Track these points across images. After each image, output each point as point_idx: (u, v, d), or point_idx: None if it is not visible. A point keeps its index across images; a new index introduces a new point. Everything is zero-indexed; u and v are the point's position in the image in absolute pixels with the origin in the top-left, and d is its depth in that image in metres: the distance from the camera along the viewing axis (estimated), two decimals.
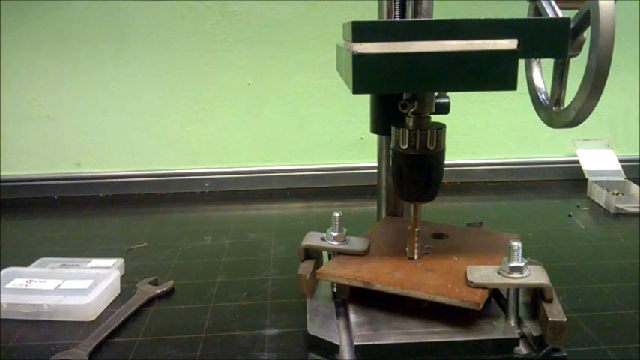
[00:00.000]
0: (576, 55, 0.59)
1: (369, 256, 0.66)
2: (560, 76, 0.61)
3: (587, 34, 0.55)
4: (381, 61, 0.50)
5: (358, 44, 0.50)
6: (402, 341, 0.56)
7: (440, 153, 0.62)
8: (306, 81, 1.25)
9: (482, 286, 0.57)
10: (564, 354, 0.58)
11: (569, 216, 1.07)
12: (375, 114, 0.75)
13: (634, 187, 1.13)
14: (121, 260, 0.85)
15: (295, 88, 1.25)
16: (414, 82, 0.51)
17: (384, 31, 0.50)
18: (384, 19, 0.72)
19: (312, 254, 0.68)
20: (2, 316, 0.71)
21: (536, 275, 0.57)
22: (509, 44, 0.51)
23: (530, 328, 0.58)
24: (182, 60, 1.22)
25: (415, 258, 0.65)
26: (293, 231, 1.02)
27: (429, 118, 0.62)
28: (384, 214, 0.82)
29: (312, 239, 0.68)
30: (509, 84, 0.51)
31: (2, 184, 1.25)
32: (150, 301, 0.76)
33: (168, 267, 0.87)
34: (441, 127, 0.61)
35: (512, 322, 0.60)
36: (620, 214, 1.06)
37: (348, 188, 1.28)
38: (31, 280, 0.77)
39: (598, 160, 1.24)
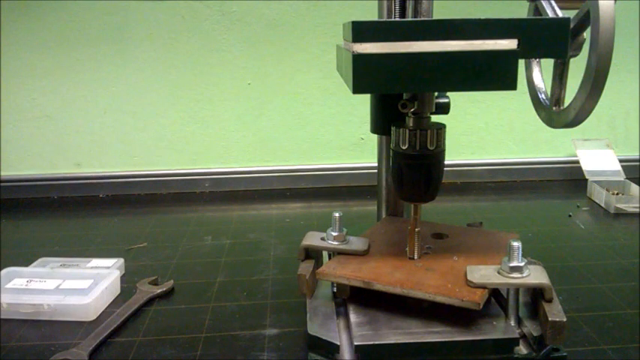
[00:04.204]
0: (576, 55, 0.59)
1: (369, 256, 0.66)
2: (560, 76, 0.61)
3: (587, 34, 0.55)
4: (381, 61, 0.50)
5: (358, 44, 0.50)
6: (402, 341, 0.56)
7: (440, 153, 0.62)
8: (306, 81, 1.25)
9: (482, 286, 0.57)
10: (564, 354, 0.58)
11: (569, 216, 1.07)
12: (375, 114, 0.75)
13: (634, 187, 1.13)
14: (121, 260, 0.85)
15: (295, 88, 1.25)
16: (414, 82, 0.51)
17: (384, 31, 0.50)
18: (384, 19, 0.72)
19: (312, 254, 0.68)
20: (2, 316, 0.71)
21: (536, 275, 0.57)
22: (509, 44, 0.51)
23: (530, 328, 0.58)
24: (182, 60, 1.22)
25: (415, 258, 0.65)
26: (293, 231, 1.02)
27: (429, 118, 0.62)
28: (384, 214, 0.82)
29: (312, 239, 0.68)
30: (509, 84, 0.51)
31: (2, 184, 1.25)
32: (150, 301, 0.76)
33: (168, 267, 0.87)
34: (440, 127, 0.61)
35: (512, 322, 0.60)
36: (620, 214, 1.06)
37: (348, 188, 1.28)
38: (31, 280, 0.77)
39: (598, 160, 1.24)
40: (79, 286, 0.75)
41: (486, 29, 0.50)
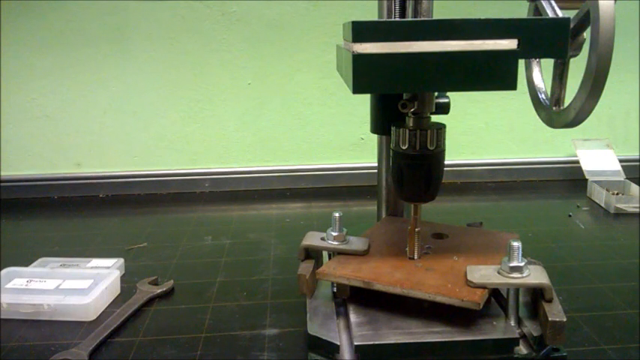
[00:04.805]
0: (576, 55, 0.59)
1: (369, 256, 0.66)
2: (560, 76, 0.61)
3: (587, 34, 0.55)
4: (381, 61, 0.50)
5: (358, 44, 0.50)
6: (402, 341, 0.56)
7: (440, 153, 0.62)
8: (306, 81, 1.25)
9: (482, 286, 0.57)
10: (564, 354, 0.58)
11: (569, 216, 1.07)
12: (375, 114, 0.75)
13: (634, 187, 1.13)
14: (121, 260, 0.85)
15: (295, 88, 1.25)
16: (414, 82, 0.51)
17: (384, 31, 0.50)
18: (384, 19, 0.72)
19: (312, 254, 0.68)
20: (2, 316, 0.71)
21: (536, 275, 0.57)
22: (509, 44, 0.51)
23: (530, 328, 0.58)
24: (182, 60, 1.22)
25: (415, 258, 0.65)
26: (293, 231, 1.02)
27: (429, 118, 0.62)
28: (384, 214, 0.82)
29: (312, 239, 0.68)
30: (509, 84, 0.51)
31: (2, 184, 1.25)
32: (150, 301, 0.76)
33: (168, 267, 0.87)
34: (440, 127, 0.61)
35: (512, 322, 0.60)
36: (620, 214, 1.06)
37: (348, 188, 1.28)
38: (31, 280, 0.77)
39: (598, 160, 1.24)
40: (79, 286, 0.75)
41: (486, 29, 0.50)
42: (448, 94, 0.67)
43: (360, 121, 1.27)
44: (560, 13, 0.60)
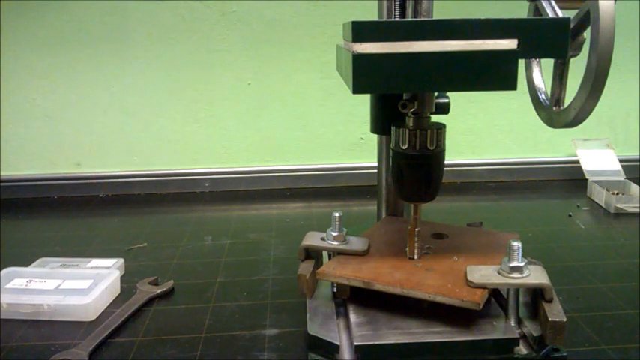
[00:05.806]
0: (576, 55, 0.59)
1: (369, 256, 0.66)
2: (560, 76, 0.61)
3: (587, 34, 0.55)
4: (381, 61, 0.50)
5: (358, 44, 0.50)
6: (402, 341, 0.56)
7: (440, 153, 0.62)
8: (306, 81, 1.25)
9: (482, 286, 0.57)
10: (564, 354, 0.58)
11: (569, 216, 1.07)
12: (375, 114, 0.75)
13: (634, 187, 1.13)
14: (121, 260, 0.85)
15: (295, 88, 1.25)
16: (414, 82, 0.51)
17: (384, 31, 0.50)
18: (384, 19, 0.72)
19: (312, 254, 0.68)
20: (2, 316, 0.71)
21: (536, 275, 0.57)
22: (509, 44, 0.51)
23: (530, 328, 0.58)
24: (182, 60, 1.22)
25: (415, 258, 0.65)
26: (293, 231, 1.02)
27: (429, 118, 0.62)
28: (384, 214, 0.82)
29: (312, 239, 0.68)
30: (509, 84, 0.51)
31: (2, 184, 1.25)
32: (150, 301, 0.76)
33: (168, 267, 0.87)
34: (440, 127, 0.61)
35: (512, 322, 0.60)
36: (620, 214, 1.06)
37: (348, 188, 1.28)
38: (31, 280, 0.77)
39: (598, 160, 1.24)
40: (79, 286, 0.75)
41: (486, 29, 0.50)
42: (448, 94, 0.67)
43: (360, 121, 1.27)
44: (560, 13, 0.60)
